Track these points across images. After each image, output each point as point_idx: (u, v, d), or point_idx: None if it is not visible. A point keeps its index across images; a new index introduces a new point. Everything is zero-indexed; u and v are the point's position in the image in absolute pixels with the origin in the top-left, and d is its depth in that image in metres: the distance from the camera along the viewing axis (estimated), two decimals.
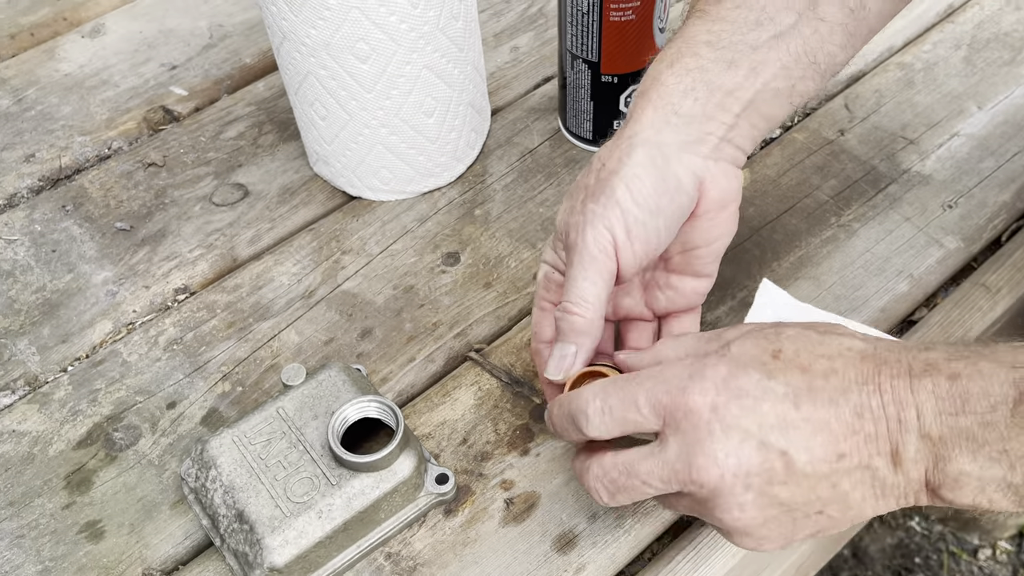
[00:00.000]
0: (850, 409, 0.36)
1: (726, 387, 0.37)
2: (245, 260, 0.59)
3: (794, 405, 0.36)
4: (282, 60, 0.55)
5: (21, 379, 0.54)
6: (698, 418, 0.37)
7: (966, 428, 0.35)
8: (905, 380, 0.36)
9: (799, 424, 0.36)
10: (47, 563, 0.47)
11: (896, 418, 0.36)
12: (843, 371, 0.37)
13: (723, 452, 0.36)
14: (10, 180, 0.64)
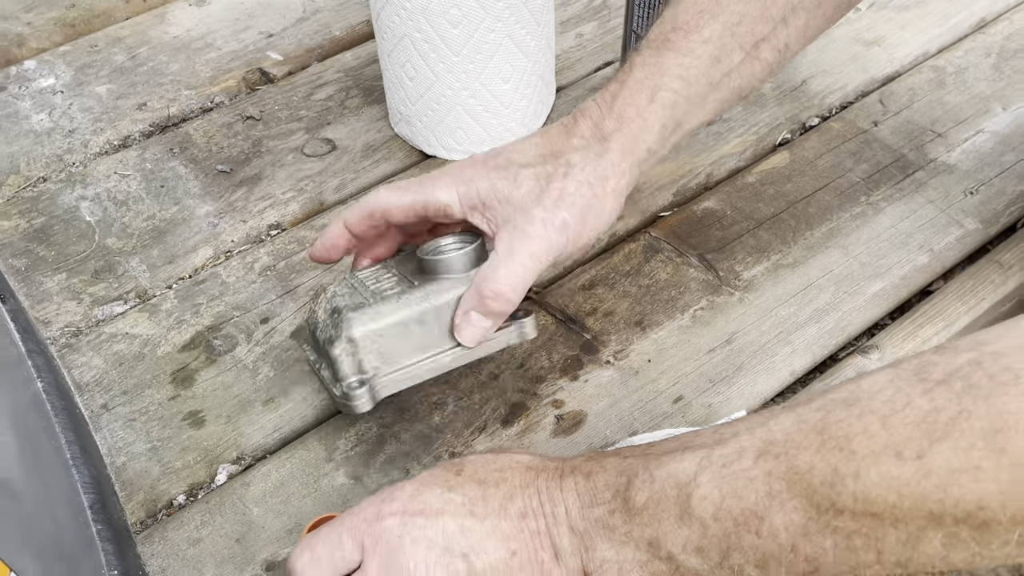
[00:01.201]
0: (516, 511, 0.41)
1: (412, 503, 0.42)
2: (331, 204, 0.66)
3: (470, 513, 0.41)
4: (380, 24, 0.62)
5: (132, 292, 0.61)
6: (390, 535, 0.41)
7: (600, 518, 0.40)
8: (556, 481, 0.42)
9: (475, 529, 0.41)
10: (155, 443, 0.54)
11: (551, 515, 0.41)
12: (511, 479, 0.42)
13: (412, 562, 0.40)
14: (124, 124, 0.72)
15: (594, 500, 0.40)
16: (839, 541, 0.34)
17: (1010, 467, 0.30)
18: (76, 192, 0.67)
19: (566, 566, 0.41)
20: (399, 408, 0.54)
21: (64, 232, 0.65)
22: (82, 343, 0.58)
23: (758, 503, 0.35)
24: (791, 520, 0.34)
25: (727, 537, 0.36)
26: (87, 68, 0.77)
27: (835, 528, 0.34)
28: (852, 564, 0.34)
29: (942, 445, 0.31)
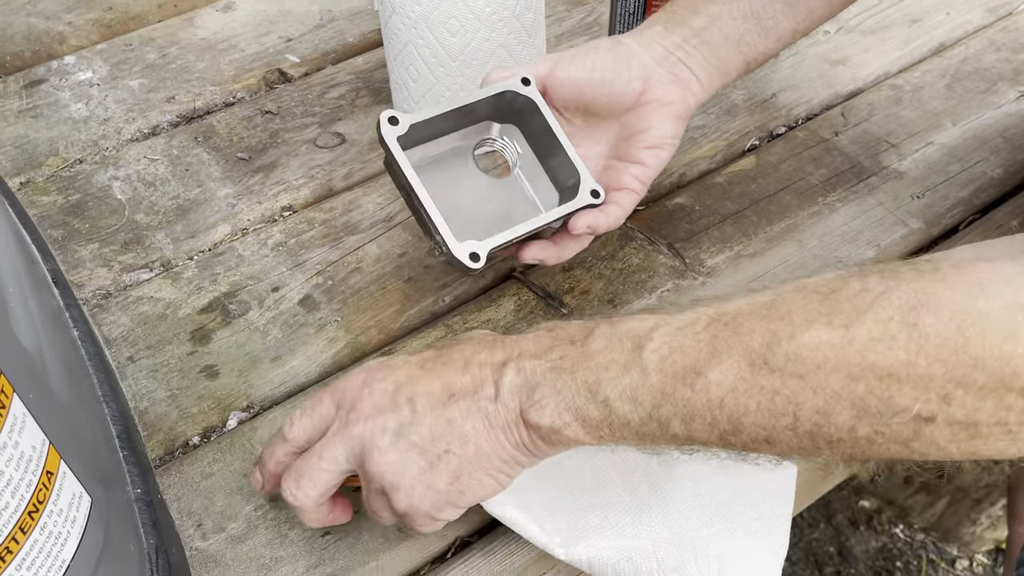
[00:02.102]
0: (463, 364, 0.46)
1: (379, 368, 0.47)
2: (339, 190, 0.73)
3: (421, 367, 0.46)
4: (388, 30, 0.69)
5: (157, 261, 0.68)
6: (354, 387, 0.47)
7: (551, 363, 0.43)
8: (512, 339, 0.46)
9: (422, 378, 0.46)
10: (175, 391, 0.60)
11: (501, 362, 0.45)
12: (464, 346, 0.47)
13: (367, 407, 0.46)
14: (154, 115, 0.79)
15: (551, 347, 0.44)
16: (763, 401, 0.38)
17: (919, 339, 0.36)
18: (109, 173, 0.74)
19: (504, 405, 0.44)
20: None
21: (97, 208, 0.71)
22: (111, 304, 0.65)
23: (699, 359, 0.40)
24: (725, 376, 0.39)
25: (663, 389, 0.40)
26: (121, 64, 0.84)
27: (762, 387, 0.38)
28: (769, 427, 0.39)
29: (866, 317, 0.37)
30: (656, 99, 0.57)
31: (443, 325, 0.63)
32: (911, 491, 1.28)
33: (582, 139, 0.60)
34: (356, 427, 0.45)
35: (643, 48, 0.57)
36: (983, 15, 0.86)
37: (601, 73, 0.57)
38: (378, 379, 0.46)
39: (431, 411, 0.45)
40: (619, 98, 0.57)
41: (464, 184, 0.60)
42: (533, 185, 0.61)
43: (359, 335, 0.63)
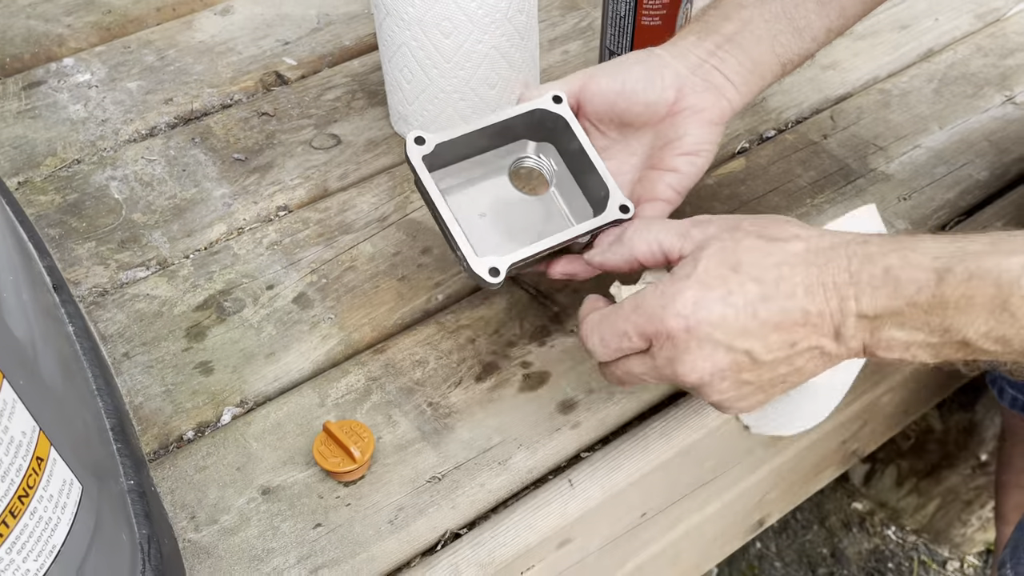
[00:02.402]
0: (798, 309, 0.45)
1: (696, 310, 0.46)
2: (334, 190, 0.74)
3: (752, 315, 0.46)
4: (382, 32, 0.70)
5: (154, 260, 0.69)
6: (676, 338, 0.47)
7: (895, 307, 0.44)
8: (845, 275, 0.45)
9: (757, 330, 0.46)
10: (169, 386, 0.61)
11: (838, 309, 0.45)
12: (791, 277, 0.46)
13: (700, 360, 0.47)
14: (152, 116, 0.80)
15: (894, 294, 0.44)
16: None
17: None
18: (106, 173, 0.75)
19: (846, 346, 0.46)
20: (386, 364, 0.61)
21: (94, 207, 0.72)
22: (108, 301, 0.66)
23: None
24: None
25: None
26: (120, 66, 0.85)
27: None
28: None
29: None
30: (690, 107, 0.57)
31: (436, 323, 0.64)
32: (903, 493, 1.29)
33: (617, 152, 0.60)
34: (688, 377, 0.47)
35: (676, 58, 0.58)
36: (971, 21, 0.87)
37: (633, 84, 0.57)
38: (704, 330, 0.46)
39: (772, 361, 0.47)
40: (652, 107, 0.57)
41: (500, 203, 0.60)
42: (568, 202, 0.61)
43: (352, 332, 0.64)
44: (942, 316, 0.43)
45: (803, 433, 0.73)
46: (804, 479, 0.82)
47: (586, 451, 0.58)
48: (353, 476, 0.55)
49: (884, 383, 0.78)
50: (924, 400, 0.91)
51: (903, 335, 0.44)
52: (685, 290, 0.47)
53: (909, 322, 0.44)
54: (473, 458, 0.56)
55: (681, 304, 0.46)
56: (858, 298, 0.45)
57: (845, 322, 0.45)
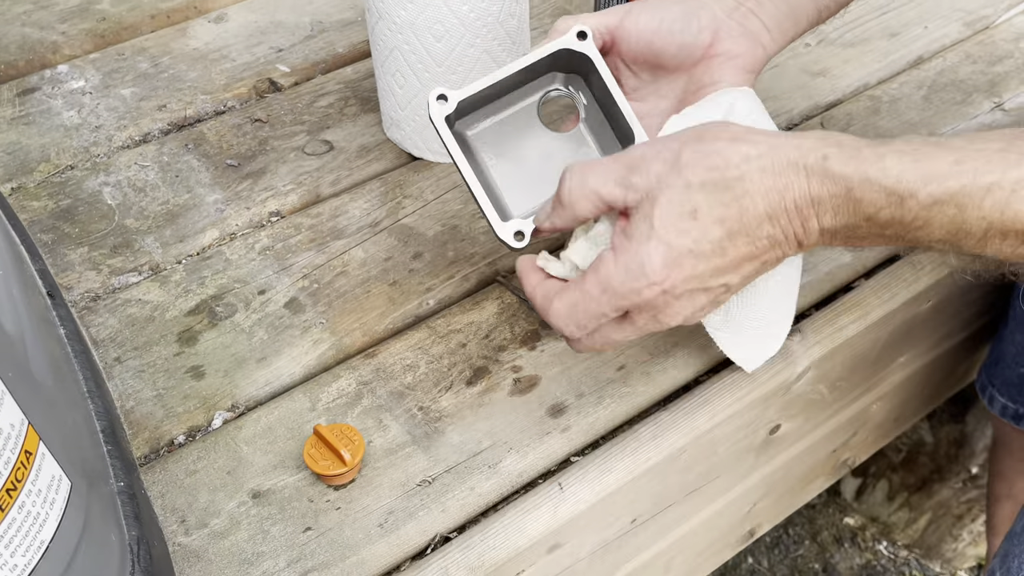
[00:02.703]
0: (765, 237, 0.47)
1: (668, 273, 0.47)
2: (327, 196, 0.74)
3: (722, 253, 0.47)
4: (374, 37, 0.70)
5: (146, 265, 0.69)
6: (655, 302, 0.48)
7: (854, 224, 0.46)
8: (806, 197, 0.45)
9: (729, 264, 0.48)
10: (160, 391, 0.61)
11: (801, 227, 0.47)
12: (752, 208, 0.46)
13: (681, 309, 0.49)
14: (146, 122, 0.80)
15: (854, 212, 0.45)
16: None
17: None
18: (100, 179, 0.75)
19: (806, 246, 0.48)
20: (377, 368, 0.62)
21: (87, 213, 0.73)
22: (100, 306, 0.66)
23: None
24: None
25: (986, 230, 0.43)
26: (114, 73, 0.85)
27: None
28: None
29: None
30: (724, 52, 0.56)
31: (427, 327, 0.64)
32: (894, 508, 1.29)
33: (647, 94, 0.59)
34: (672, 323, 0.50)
35: (712, 2, 0.56)
36: (960, 29, 0.88)
37: (671, 23, 0.56)
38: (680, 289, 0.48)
39: (741, 281, 0.49)
40: (688, 49, 0.56)
41: (529, 144, 0.60)
42: (599, 141, 0.60)
43: (343, 337, 0.64)
44: (898, 229, 0.45)
45: (794, 438, 0.73)
46: (794, 488, 0.82)
47: (576, 455, 0.58)
48: (343, 479, 0.55)
49: (874, 391, 0.78)
50: (915, 409, 0.91)
51: (858, 240, 0.48)
52: (652, 254, 0.47)
53: (866, 231, 0.46)
54: (463, 462, 0.57)
55: (651, 271, 0.47)
56: (820, 216, 0.46)
57: (808, 237, 0.47)
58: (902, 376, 0.81)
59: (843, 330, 0.65)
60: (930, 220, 0.44)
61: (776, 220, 0.46)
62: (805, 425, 0.73)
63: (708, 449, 0.63)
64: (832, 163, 0.45)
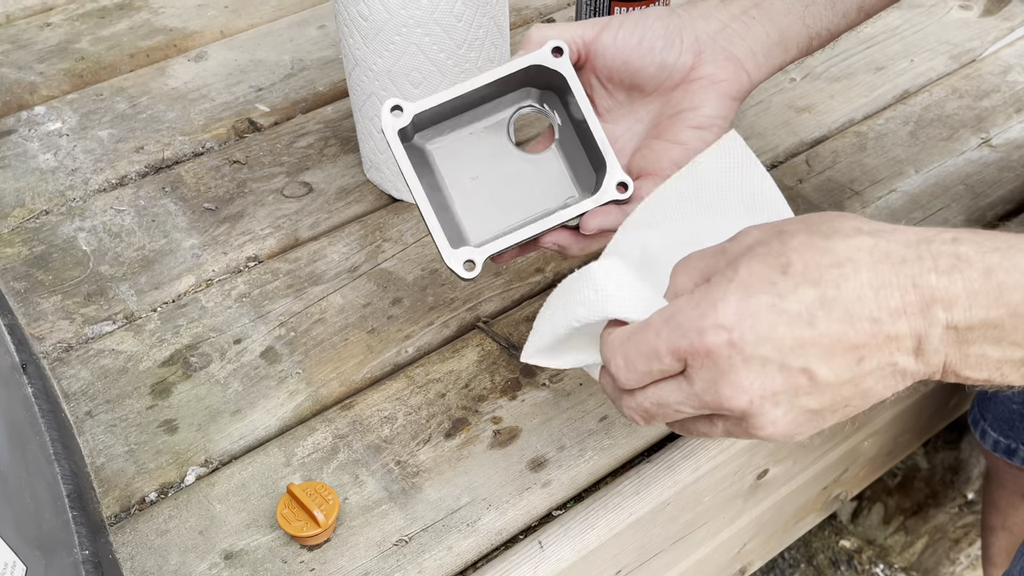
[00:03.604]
0: (867, 317, 0.37)
1: (740, 320, 0.38)
2: (305, 240, 0.73)
3: (809, 324, 0.37)
4: (352, 82, 0.69)
5: (120, 313, 0.68)
6: (717, 356, 0.38)
7: (995, 319, 0.36)
8: (931, 276, 0.37)
9: (816, 341, 0.37)
10: (132, 446, 0.60)
11: (920, 315, 0.37)
12: (854, 277, 0.37)
13: (747, 381, 0.38)
14: (123, 165, 0.79)
15: (996, 302, 0.36)
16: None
17: None
18: (75, 224, 0.74)
19: (927, 363, 0.38)
20: (353, 420, 0.60)
21: (62, 259, 0.71)
22: (72, 357, 0.65)
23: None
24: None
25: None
26: (91, 114, 0.84)
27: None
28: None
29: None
30: (707, 76, 0.52)
31: (405, 376, 0.63)
32: (890, 531, 1.28)
33: (622, 116, 0.55)
34: (735, 401, 0.39)
35: (698, 19, 0.52)
36: (946, 63, 0.87)
37: (651, 41, 0.52)
38: (751, 344, 0.38)
39: (835, 382, 0.38)
40: (667, 70, 0.52)
41: (496, 164, 0.56)
42: (572, 165, 0.57)
43: (320, 388, 0.62)
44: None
45: (783, 480, 0.72)
46: (785, 527, 0.81)
47: (557, 509, 0.57)
48: (317, 540, 0.54)
49: (865, 428, 0.77)
50: (907, 443, 0.90)
51: (997, 352, 0.37)
52: (727, 296, 0.38)
53: (1008, 336, 0.37)
54: (441, 519, 0.55)
55: (723, 314, 0.38)
56: (949, 305, 0.37)
57: (929, 333, 0.37)
58: (894, 412, 0.80)
59: None
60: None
61: (886, 298, 0.37)
62: (794, 467, 0.72)
63: (693, 500, 0.61)
64: (963, 244, 0.37)
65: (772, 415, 0.39)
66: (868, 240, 0.38)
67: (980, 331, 0.37)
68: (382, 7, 0.62)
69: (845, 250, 0.38)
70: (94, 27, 0.94)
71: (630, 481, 0.57)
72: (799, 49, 0.55)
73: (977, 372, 0.38)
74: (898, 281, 0.37)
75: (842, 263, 0.38)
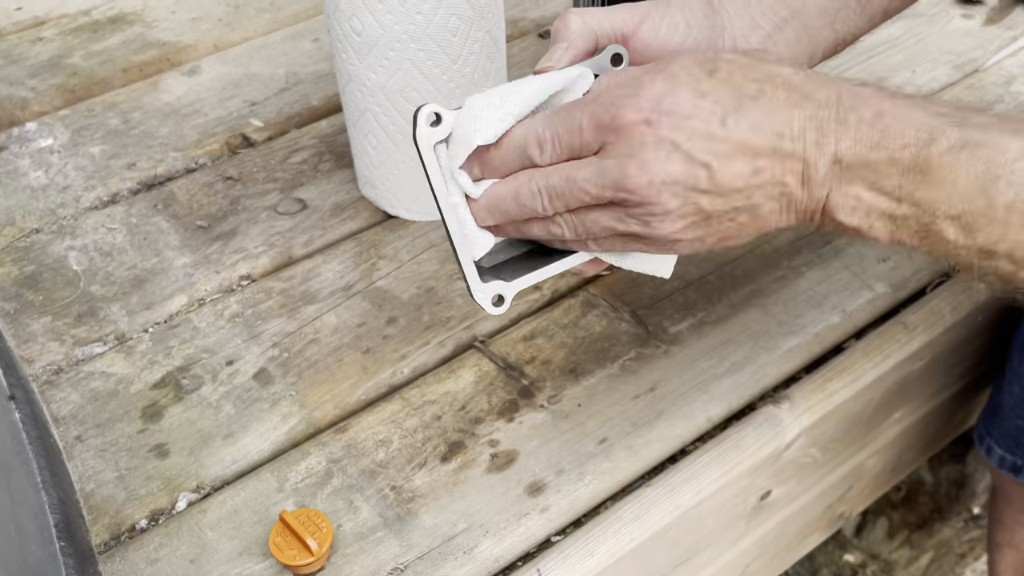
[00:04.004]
0: (772, 130, 0.40)
1: (659, 104, 0.40)
2: (299, 258, 0.72)
3: (721, 122, 0.40)
4: (346, 98, 0.68)
5: (112, 334, 0.67)
6: (631, 132, 0.41)
7: (874, 161, 0.39)
8: (831, 112, 0.40)
9: (723, 139, 0.40)
10: (123, 472, 0.58)
11: (815, 142, 0.40)
12: (771, 94, 0.40)
13: (653, 161, 0.40)
14: (115, 182, 0.78)
15: (877, 144, 0.39)
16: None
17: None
18: (66, 243, 0.73)
19: (810, 195, 0.40)
20: (348, 444, 0.59)
21: (52, 279, 0.70)
22: (62, 380, 0.63)
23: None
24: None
25: (1004, 225, 0.38)
26: (83, 130, 0.83)
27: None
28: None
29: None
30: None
31: (400, 398, 0.62)
32: (895, 545, 1.26)
33: None
34: (636, 180, 0.41)
35: (735, 16, 0.50)
36: (949, 72, 0.86)
37: (696, 41, 0.49)
38: (665, 127, 0.40)
39: (730, 186, 0.40)
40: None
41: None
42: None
43: (314, 410, 0.61)
44: (917, 184, 0.39)
45: (786, 501, 0.70)
46: (789, 547, 0.79)
47: (556, 535, 0.56)
48: (310, 569, 0.53)
49: (870, 447, 0.76)
50: (912, 459, 0.88)
51: (869, 196, 0.40)
52: (654, 82, 0.41)
53: (881, 181, 0.40)
54: (437, 547, 0.54)
55: (645, 96, 0.41)
56: (839, 138, 0.40)
57: (818, 162, 0.40)
58: (898, 430, 0.79)
59: (833, 396, 0.62)
60: (955, 170, 0.38)
61: (791, 119, 0.40)
62: (797, 488, 0.70)
63: (696, 523, 0.60)
64: (867, 88, 0.40)
65: (668, 204, 0.41)
66: (788, 71, 0.41)
67: (859, 171, 0.39)
68: (376, 22, 0.61)
69: (767, 71, 0.41)
70: (87, 41, 0.93)
71: (630, 506, 0.56)
72: (825, 52, 0.54)
73: (850, 217, 0.41)
74: (803, 107, 0.40)
75: (762, 80, 0.41)
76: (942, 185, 0.39)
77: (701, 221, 0.42)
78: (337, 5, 0.62)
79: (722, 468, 0.58)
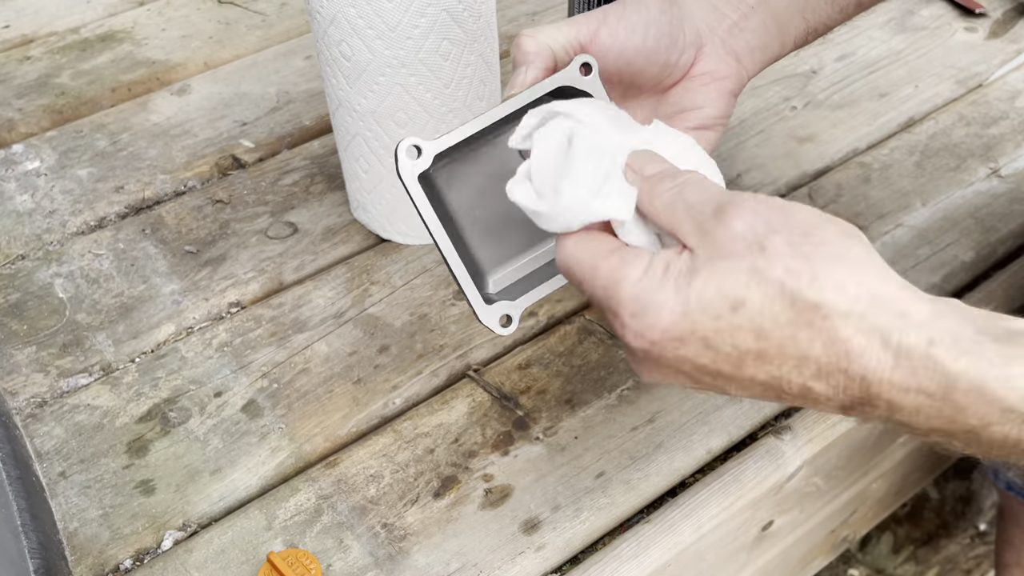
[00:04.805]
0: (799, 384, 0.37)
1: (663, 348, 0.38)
2: (290, 284, 0.70)
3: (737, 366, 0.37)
4: (336, 122, 0.67)
5: (97, 365, 0.65)
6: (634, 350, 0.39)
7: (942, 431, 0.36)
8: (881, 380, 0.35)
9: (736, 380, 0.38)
10: (107, 509, 0.57)
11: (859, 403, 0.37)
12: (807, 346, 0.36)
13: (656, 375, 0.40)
14: (102, 206, 0.77)
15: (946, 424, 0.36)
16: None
17: None
18: (51, 270, 0.71)
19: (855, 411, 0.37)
20: (338, 480, 0.58)
21: (37, 308, 0.69)
22: (46, 413, 0.62)
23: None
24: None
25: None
26: (71, 152, 0.82)
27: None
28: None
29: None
30: (708, 72, 0.49)
31: (392, 431, 0.60)
32: (901, 560, 1.24)
33: None
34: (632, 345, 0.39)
35: (695, 6, 0.49)
36: (952, 88, 0.85)
37: (656, 39, 0.47)
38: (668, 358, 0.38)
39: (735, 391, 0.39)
40: (669, 69, 0.49)
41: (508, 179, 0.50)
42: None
43: (303, 444, 0.60)
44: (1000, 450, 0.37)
45: (789, 529, 0.69)
46: (793, 572, 0.78)
47: (552, 574, 0.54)
48: None
49: (873, 472, 0.74)
50: (917, 480, 0.87)
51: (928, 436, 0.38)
52: (671, 310, 0.37)
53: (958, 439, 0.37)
54: None
55: (652, 323, 0.37)
56: (893, 408, 0.36)
57: (864, 417, 0.37)
58: (903, 453, 0.77)
59: (836, 425, 0.61)
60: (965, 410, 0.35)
61: (828, 378, 0.36)
62: (800, 516, 0.69)
63: (695, 558, 0.59)
64: (938, 351, 0.35)
65: (653, 377, 0.40)
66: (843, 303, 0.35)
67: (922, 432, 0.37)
68: (365, 48, 0.59)
69: (811, 314, 0.35)
70: (75, 60, 0.92)
71: (628, 544, 0.55)
72: (795, 42, 0.52)
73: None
74: (848, 369, 0.35)
75: (798, 326, 0.35)
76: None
77: (687, 380, 0.40)
78: (326, 31, 0.60)
79: (722, 503, 0.57)
